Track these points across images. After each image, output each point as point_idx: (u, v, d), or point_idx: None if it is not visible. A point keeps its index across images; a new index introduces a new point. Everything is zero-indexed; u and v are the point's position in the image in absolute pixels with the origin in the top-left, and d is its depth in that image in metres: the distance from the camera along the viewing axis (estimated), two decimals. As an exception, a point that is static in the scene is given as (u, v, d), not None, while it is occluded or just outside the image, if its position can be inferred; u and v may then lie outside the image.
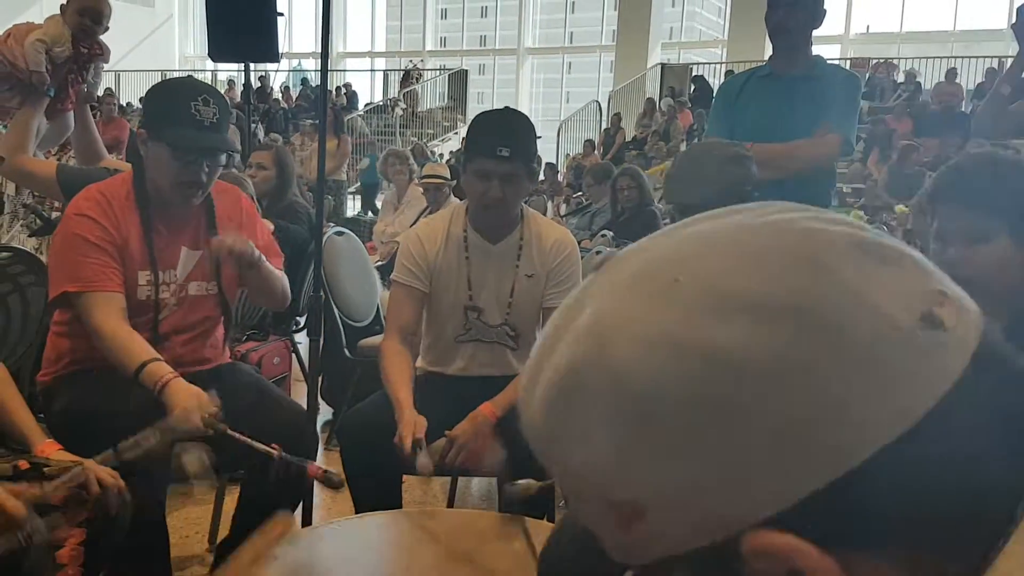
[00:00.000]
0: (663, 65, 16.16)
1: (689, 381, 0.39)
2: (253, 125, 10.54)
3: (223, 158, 2.11)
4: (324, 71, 1.88)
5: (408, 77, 17.43)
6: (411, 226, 3.88)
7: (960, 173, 1.57)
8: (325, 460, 2.88)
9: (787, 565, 0.39)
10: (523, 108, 19.25)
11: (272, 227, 2.40)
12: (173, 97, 2.04)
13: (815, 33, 2.89)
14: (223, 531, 2.44)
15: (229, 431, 1.87)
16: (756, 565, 0.40)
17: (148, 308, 2.08)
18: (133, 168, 2.11)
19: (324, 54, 1.83)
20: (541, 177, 11.67)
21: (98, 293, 1.98)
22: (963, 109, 11.44)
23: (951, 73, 12.86)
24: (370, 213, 9.71)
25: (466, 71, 18.32)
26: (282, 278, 2.26)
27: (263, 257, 2.12)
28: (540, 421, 0.46)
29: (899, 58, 15.22)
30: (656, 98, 14.64)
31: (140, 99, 2.31)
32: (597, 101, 16.83)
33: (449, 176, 5.31)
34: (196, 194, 2.08)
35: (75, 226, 2.02)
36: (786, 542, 0.39)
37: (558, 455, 0.45)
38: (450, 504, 2.87)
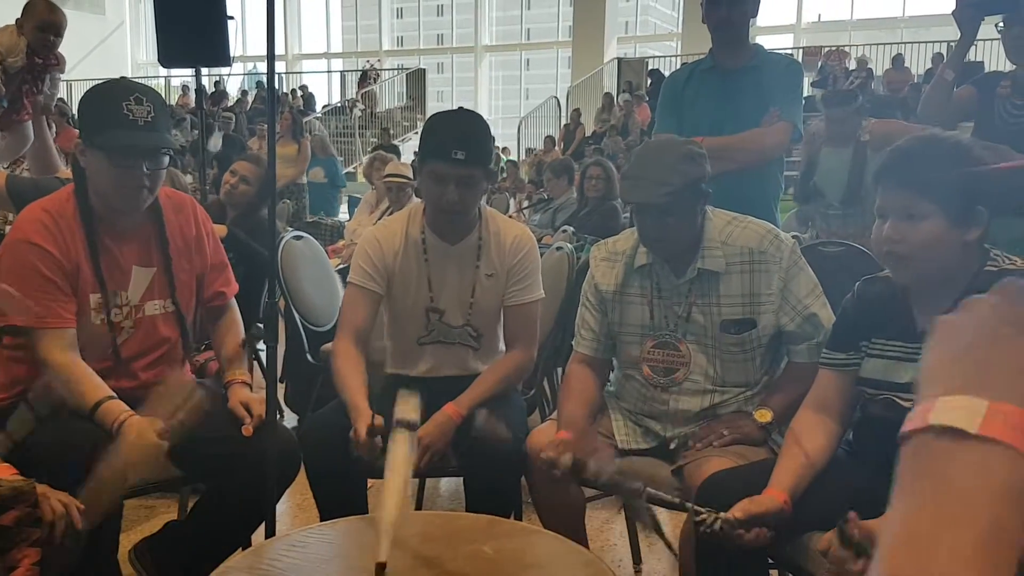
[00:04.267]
0: (620, 59, 16.24)
1: None
2: (209, 127, 10.39)
3: (165, 159, 2.02)
4: (271, 74, 1.85)
5: (365, 77, 17.33)
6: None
7: (899, 153, 1.63)
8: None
9: None
10: (482, 105, 19.33)
11: (225, 233, 2.35)
12: (103, 100, 1.95)
13: (768, 23, 2.93)
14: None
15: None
16: None
17: (104, 333, 2.02)
18: (75, 182, 2.03)
19: (271, 56, 1.80)
20: (503, 175, 11.67)
21: (50, 330, 1.92)
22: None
23: (898, 59, 13.09)
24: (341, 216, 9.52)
25: (424, 70, 18.27)
26: (239, 322, 2.28)
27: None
28: None
29: (850, 45, 15.45)
30: (614, 92, 14.71)
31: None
32: (556, 97, 16.88)
33: (412, 176, 5.28)
34: (142, 197, 2.00)
35: (23, 255, 1.93)
36: None
37: None
38: (418, 506, 2.85)
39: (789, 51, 13.80)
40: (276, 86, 2.10)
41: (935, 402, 0.54)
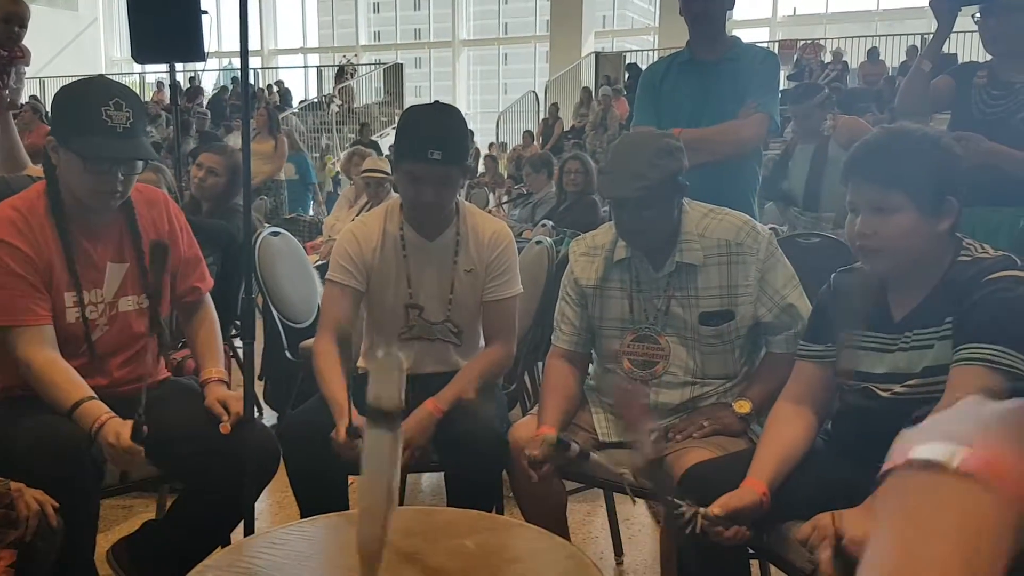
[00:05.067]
0: (597, 54, 16.26)
1: None
2: (186, 121, 10.26)
3: (140, 165, 2.00)
4: (244, 69, 1.84)
5: (342, 73, 17.21)
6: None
7: (868, 148, 1.64)
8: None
9: None
10: (461, 100, 19.28)
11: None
12: (82, 102, 1.90)
13: (743, 17, 2.94)
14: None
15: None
16: None
17: (79, 331, 1.99)
18: (47, 178, 2.00)
19: (244, 50, 1.78)
20: (482, 169, 11.66)
21: (27, 328, 1.90)
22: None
23: (873, 52, 13.19)
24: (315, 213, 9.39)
25: (401, 65, 18.17)
26: (214, 319, 2.25)
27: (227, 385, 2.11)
28: None
29: (825, 39, 15.55)
30: (592, 87, 14.72)
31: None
32: (534, 91, 16.87)
33: (390, 171, 5.25)
34: (114, 200, 1.98)
35: None
36: None
37: None
38: (400, 502, 2.85)
39: (765, 44, 13.86)
40: (252, 82, 2.08)
41: (914, 444, 0.54)
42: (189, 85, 15.77)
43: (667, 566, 1.95)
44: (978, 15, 2.80)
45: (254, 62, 20.85)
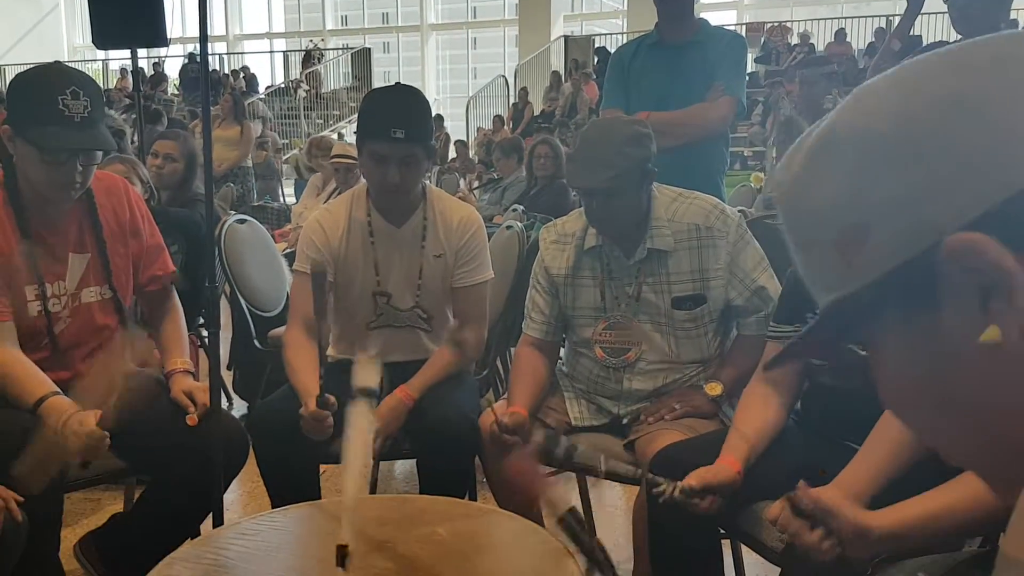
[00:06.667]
0: (566, 37, 16.21)
1: (917, 113, 0.50)
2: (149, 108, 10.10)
3: (99, 155, 1.96)
4: (204, 52, 1.80)
5: (309, 58, 17.01)
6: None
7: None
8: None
9: (979, 259, 0.46)
10: (430, 85, 19.15)
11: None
12: (38, 91, 1.85)
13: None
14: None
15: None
16: (953, 266, 0.47)
17: (41, 325, 1.95)
18: (4, 169, 1.95)
19: (203, 34, 1.75)
20: (452, 154, 11.60)
21: None
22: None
23: (840, 33, 13.30)
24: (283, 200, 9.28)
25: (369, 50, 17.98)
26: (178, 308, 2.22)
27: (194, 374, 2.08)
28: (793, 177, 0.56)
29: (792, 21, 15.62)
30: (561, 71, 14.69)
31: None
32: (504, 76, 16.80)
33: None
34: (73, 192, 1.94)
35: None
36: (979, 237, 0.46)
37: (804, 202, 0.56)
38: (373, 490, 2.83)
39: (732, 27, 13.89)
40: (218, 68, 2.05)
41: None
42: (153, 72, 15.53)
43: (640, 549, 1.95)
44: None
45: (219, 47, 20.56)
